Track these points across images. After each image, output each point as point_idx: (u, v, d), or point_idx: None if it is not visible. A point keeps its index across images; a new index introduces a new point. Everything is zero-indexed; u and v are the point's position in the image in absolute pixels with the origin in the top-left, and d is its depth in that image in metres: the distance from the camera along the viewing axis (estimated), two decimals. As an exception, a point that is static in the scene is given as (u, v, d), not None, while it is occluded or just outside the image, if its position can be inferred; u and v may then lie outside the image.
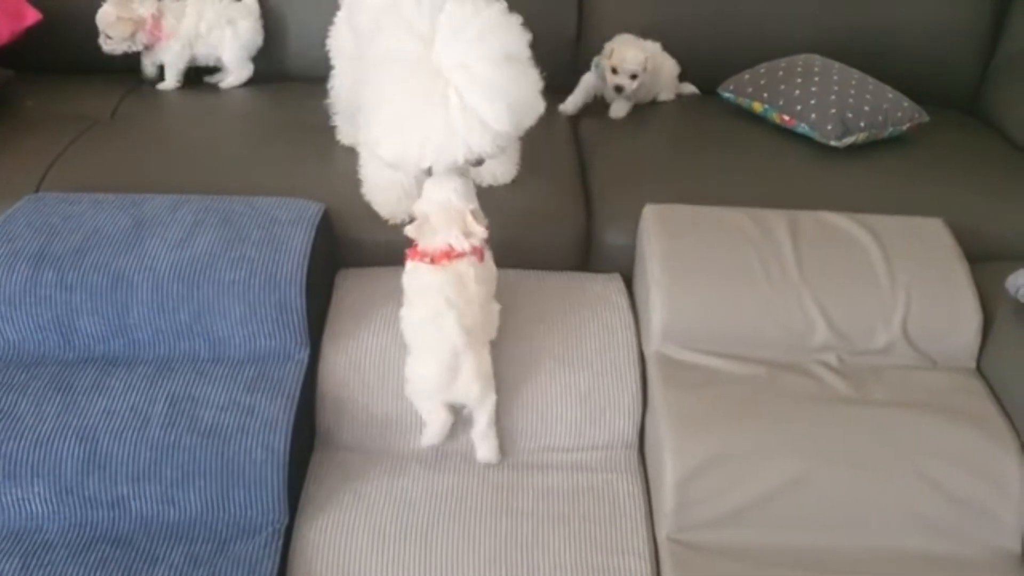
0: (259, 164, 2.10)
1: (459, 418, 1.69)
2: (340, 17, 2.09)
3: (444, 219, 1.65)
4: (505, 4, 1.64)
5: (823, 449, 1.59)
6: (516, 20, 1.64)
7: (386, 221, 1.93)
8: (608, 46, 2.34)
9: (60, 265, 1.70)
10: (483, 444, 1.67)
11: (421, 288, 1.64)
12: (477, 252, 1.66)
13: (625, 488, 1.65)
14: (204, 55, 2.44)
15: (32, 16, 2.27)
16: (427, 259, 1.64)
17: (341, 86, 2.13)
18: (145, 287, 1.68)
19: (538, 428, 1.72)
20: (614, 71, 2.31)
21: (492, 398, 1.65)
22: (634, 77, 2.30)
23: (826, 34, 2.47)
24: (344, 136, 2.17)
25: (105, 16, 2.34)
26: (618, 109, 2.38)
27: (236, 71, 2.46)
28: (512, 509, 1.61)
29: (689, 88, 2.53)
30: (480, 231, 1.66)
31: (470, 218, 1.66)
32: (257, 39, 2.46)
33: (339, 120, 2.18)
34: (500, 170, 2.02)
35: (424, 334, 1.63)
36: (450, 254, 1.64)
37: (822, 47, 2.39)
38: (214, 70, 2.50)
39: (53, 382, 1.64)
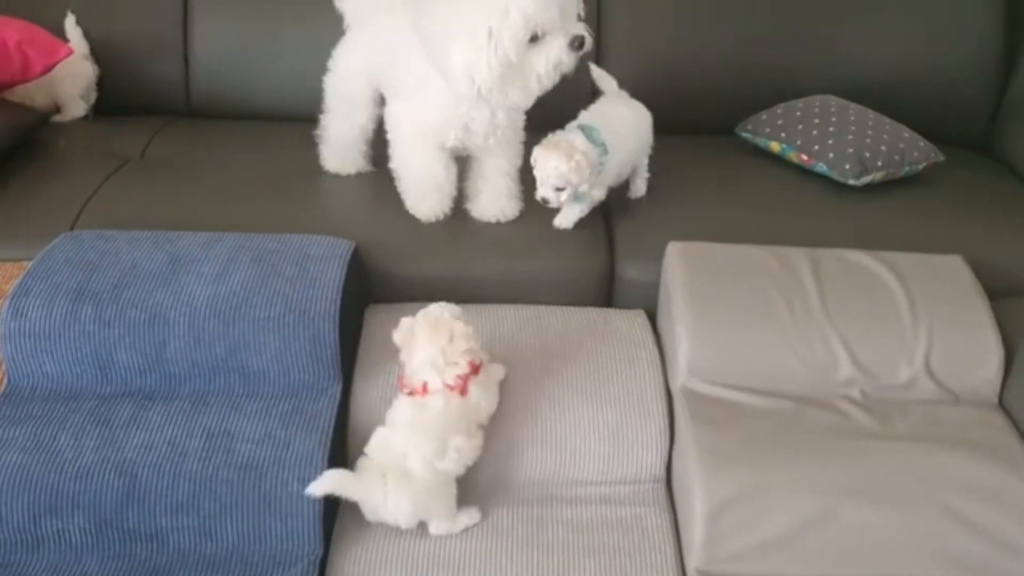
0: (288, 202, 2.15)
1: (495, 454, 1.72)
2: (343, 62, 2.17)
3: (429, 333, 1.64)
4: None
5: (849, 483, 1.60)
6: None
7: (415, 255, 1.98)
8: (535, 151, 1.95)
9: (98, 301, 1.73)
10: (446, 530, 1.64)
11: (393, 421, 1.65)
12: (458, 387, 1.63)
13: (654, 521, 1.67)
14: (43, 102, 2.47)
15: (64, 51, 2.34)
16: (406, 391, 1.65)
17: (333, 125, 2.23)
18: (182, 322, 1.72)
19: (567, 462, 1.74)
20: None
21: (435, 522, 1.62)
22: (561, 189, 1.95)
23: (841, 76, 2.51)
24: (330, 164, 2.27)
25: None
26: (564, 217, 2.06)
27: (68, 108, 2.50)
28: (543, 542, 1.62)
29: None
30: (461, 362, 1.63)
31: (459, 329, 1.63)
32: (87, 74, 2.49)
33: (325, 150, 2.28)
34: (508, 206, 2.08)
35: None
36: (425, 389, 1.63)
37: (837, 88, 2.44)
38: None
39: (92, 416, 1.67)
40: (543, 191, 1.95)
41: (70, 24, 2.48)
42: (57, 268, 1.80)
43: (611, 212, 2.19)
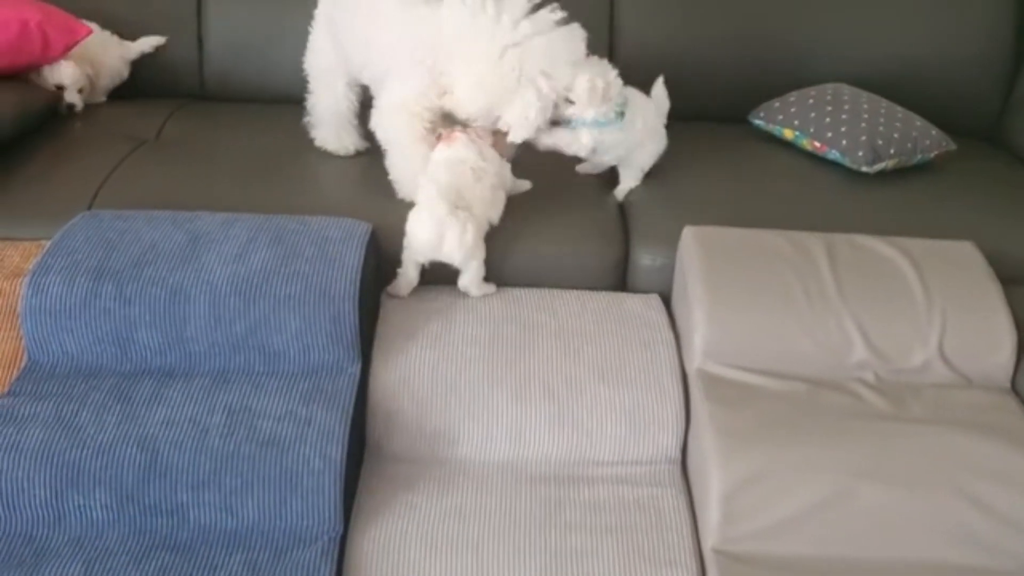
0: (302, 183, 2.17)
1: (512, 434, 1.74)
2: (314, 38, 2.22)
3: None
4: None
5: (864, 464, 1.62)
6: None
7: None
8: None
9: (119, 279, 1.74)
10: (470, 290, 1.95)
11: (439, 159, 1.94)
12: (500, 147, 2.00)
13: (670, 502, 1.69)
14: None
15: (83, 31, 2.35)
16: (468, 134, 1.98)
17: (320, 103, 2.26)
18: (202, 300, 1.73)
19: (584, 444, 1.76)
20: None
21: (474, 264, 1.90)
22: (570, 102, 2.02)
23: (852, 66, 2.53)
24: (325, 142, 2.30)
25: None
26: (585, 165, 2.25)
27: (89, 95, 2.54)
28: (560, 522, 1.64)
29: None
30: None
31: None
32: (121, 71, 2.55)
33: (317, 132, 2.31)
34: None
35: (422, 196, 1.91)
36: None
37: (849, 78, 2.46)
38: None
39: (112, 393, 1.68)
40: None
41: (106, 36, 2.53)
42: (77, 246, 1.80)
43: (626, 197, 2.20)
